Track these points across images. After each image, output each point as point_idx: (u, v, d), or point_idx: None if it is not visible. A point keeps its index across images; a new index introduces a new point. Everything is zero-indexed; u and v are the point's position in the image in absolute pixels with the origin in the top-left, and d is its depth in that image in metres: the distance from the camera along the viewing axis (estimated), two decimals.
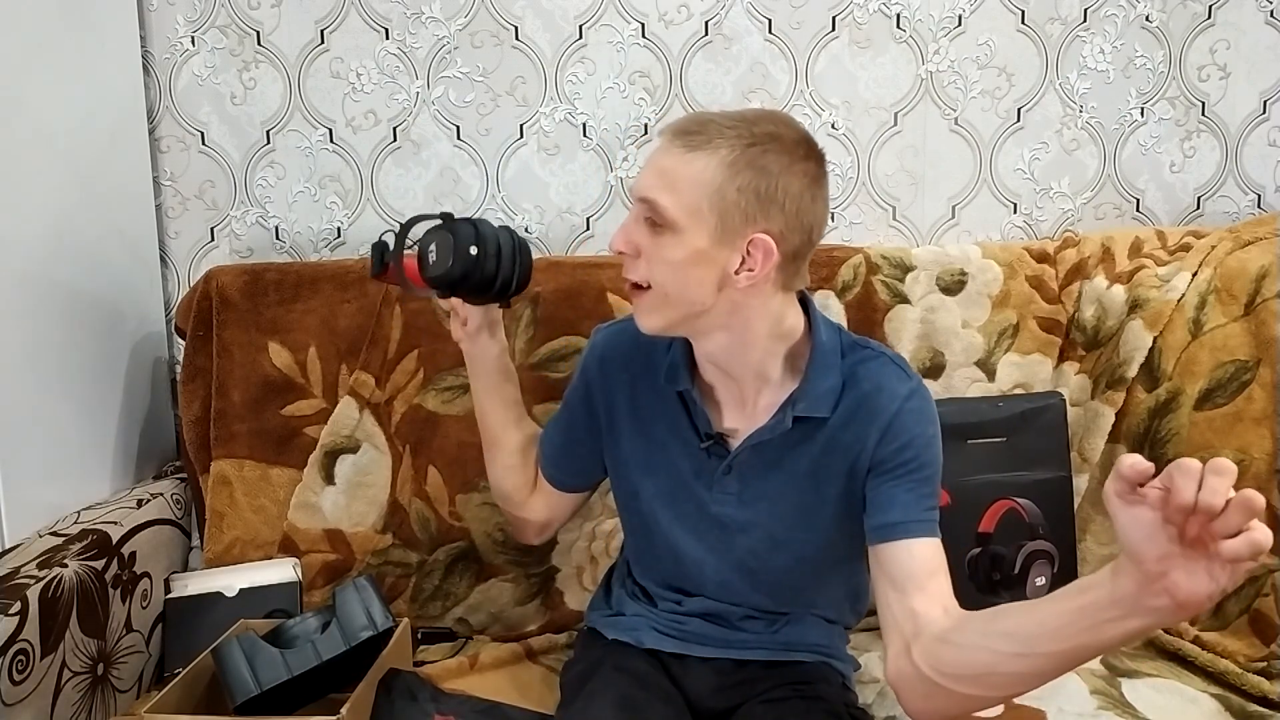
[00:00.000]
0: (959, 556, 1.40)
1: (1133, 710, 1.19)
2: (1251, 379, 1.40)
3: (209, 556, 1.49)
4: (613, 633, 1.19)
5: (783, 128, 0.98)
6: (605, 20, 1.65)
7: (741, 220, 0.96)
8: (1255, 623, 1.33)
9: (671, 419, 1.13)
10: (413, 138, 1.69)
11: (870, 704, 1.25)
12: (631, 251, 1.00)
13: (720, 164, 0.95)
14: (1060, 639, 0.81)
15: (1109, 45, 1.66)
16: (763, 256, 0.97)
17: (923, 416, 1.04)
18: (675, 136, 0.98)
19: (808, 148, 0.99)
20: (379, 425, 1.51)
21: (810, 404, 1.05)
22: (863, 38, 1.66)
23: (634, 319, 1.06)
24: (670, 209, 0.96)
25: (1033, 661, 0.84)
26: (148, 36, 1.67)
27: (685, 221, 0.96)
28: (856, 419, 1.04)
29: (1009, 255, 1.55)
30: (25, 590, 1.15)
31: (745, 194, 0.95)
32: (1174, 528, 0.71)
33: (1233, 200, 1.71)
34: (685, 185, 0.96)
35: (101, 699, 1.28)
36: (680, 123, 0.99)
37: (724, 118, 0.98)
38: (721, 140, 0.95)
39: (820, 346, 1.06)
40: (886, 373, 1.06)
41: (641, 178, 1.00)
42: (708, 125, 0.97)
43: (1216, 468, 0.68)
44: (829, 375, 1.05)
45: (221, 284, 1.53)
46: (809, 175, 0.98)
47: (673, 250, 0.97)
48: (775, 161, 0.96)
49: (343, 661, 1.21)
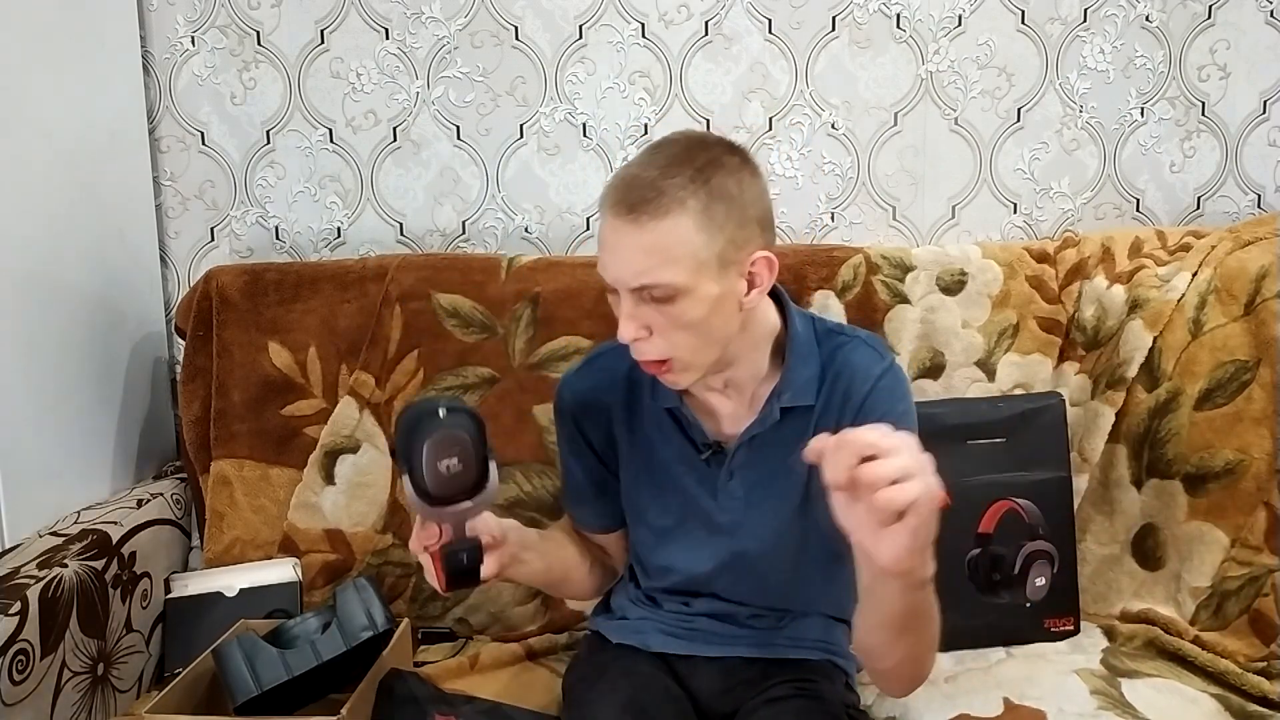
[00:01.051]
0: (959, 557, 1.40)
1: (1133, 710, 1.19)
2: (1251, 379, 1.40)
3: (209, 556, 1.49)
4: (617, 636, 1.19)
5: (711, 147, 0.99)
6: (605, 20, 1.65)
7: (736, 250, 0.97)
8: (1255, 623, 1.33)
9: (666, 437, 1.13)
10: (413, 138, 1.69)
11: (870, 705, 1.26)
12: (645, 335, 0.98)
13: (694, 215, 0.94)
14: (881, 611, 0.87)
15: (1109, 45, 1.66)
16: (767, 270, 1.00)
17: (894, 394, 1.06)
18: (633, 211, 0.94)
19: (733, 150, 1.00)
20: (379, 425, 1.51)
21: (795, 393, 1.07)
22: (863, 38, 1.66)
23: (600, 359, 1.14)
24: (677, 279, 0.94)
25: (883, 633, 0.90)
26: (148, 36, 1.67)
27: (693, 281, 0.95)
28: (834, 402, 1.07)
29: (1009, 255, 1.55)
30: (25, 590, 1.15)
31: (728, 227, 0.96)
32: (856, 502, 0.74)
33: (1233, 200, 1.71)
34: (677, 251, 0.94)
35: (101, 699, 1.28)
36: (627, 196, 0.95)
37: (659, 169, 0.95)
38: (679, 192, 0.94)
39: (797, 337, 1.08)
40: (860, 354, 1.08)
41: (621, 265, 0.96)
42: (655, 185, 0.94)
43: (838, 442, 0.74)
44: (808, 363, 1.08)
45: (221, 284, 1.53)
46: (753, 174, 1.00)
47: (691, 311, 0.96)
48: (730, 183, 0.97)
49: (343, 662, 1.21)
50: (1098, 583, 1.46)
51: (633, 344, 0.99)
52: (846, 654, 1.19)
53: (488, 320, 1.52)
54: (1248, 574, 1.35)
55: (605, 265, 0.98)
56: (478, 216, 1.72)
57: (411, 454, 0.87)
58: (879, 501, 0.71)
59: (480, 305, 1.52)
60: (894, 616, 0.86)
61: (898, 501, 0.71)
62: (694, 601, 1.17)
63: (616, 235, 0.96)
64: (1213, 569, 1.37)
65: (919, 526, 0.73)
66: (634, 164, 0.98)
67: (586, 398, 1.17)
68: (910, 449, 0.73)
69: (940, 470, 1.45)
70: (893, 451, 0.72)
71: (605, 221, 0.97)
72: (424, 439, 0.86)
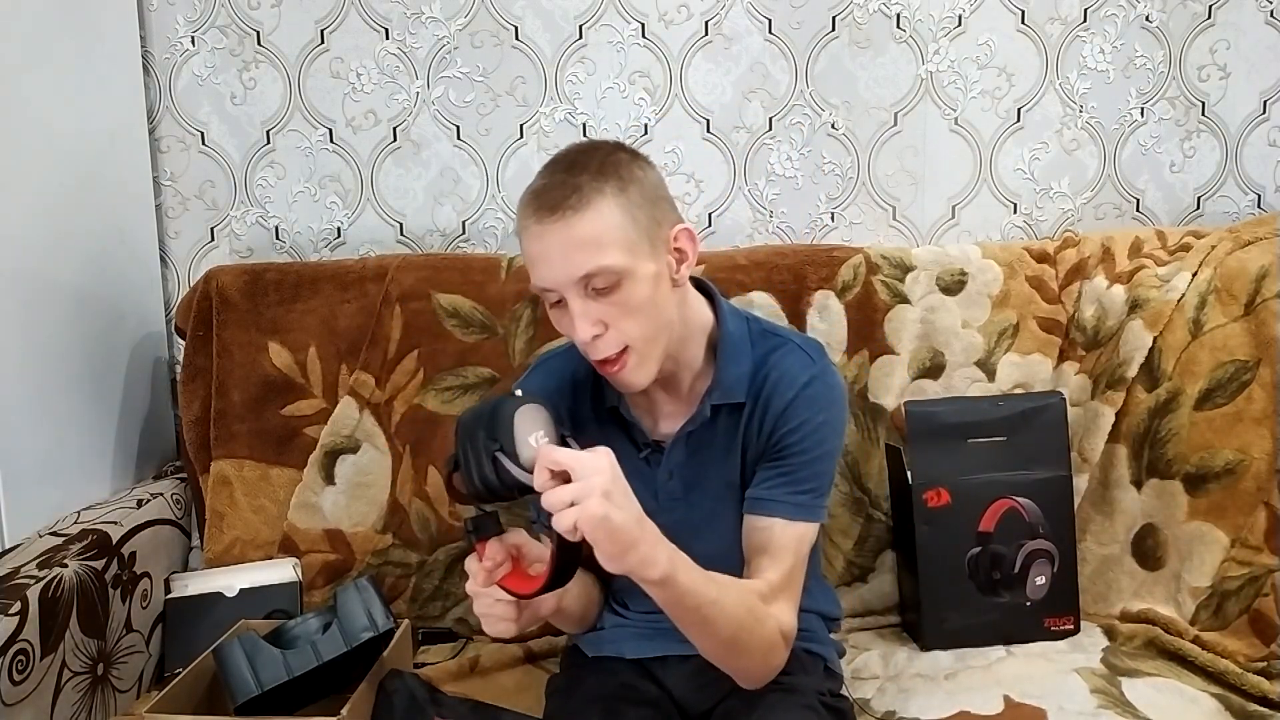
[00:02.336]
0: (959, 555, 1.40)
1: (1133, 710, 1.19)
2: (1251, 379, 1.40)
3: (209, 556, 1.49)
4: (593, 650, 1.19)
5: (600, 147, 1.04)
6: (605, 20, 1.65)
7: (658, 227, 1.01)
8: (1255, 623, 1.33)
9: (609, 438, 1.11)
10: (413, 138, 1.69)
11: (870, 700, 1.26)
12: (602, 330, 0.99)
13: (613, 199, 0.98)
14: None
15: (1109, 45, 1.66)
16: (689, 242, 1.04)
17: (815, 403, 1.07)
18: (555, 210, 0.97)
19: (620, 147, 1.05)
20: (379, 425, 1.51)
21: (724, 392, 1.08)
22: (863, 38, 1.66)
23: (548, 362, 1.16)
24: (616, 262, 0.97)
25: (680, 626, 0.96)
26: (148, 36, 1.67)
27: (631, 262, 0.98)
28: (761, 404, 1.08)
29: (1009, 255, 1.55)
30: (25, 590, 1.15)
31: (645, 206, 1.00)
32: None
33: (1233, 200, 1.71)
34: (608, 237, 0.97)
35: (101, 699, 1.28)
36: (545, 202, 0.98)
37: (564, 173, 0.99)
38: (594, 184, 0.97)
39: (728, 335, 1.10)
40: (791, 359, 1.09)
41: (559, 264, 0.97)
42: (568, 184, 0.98)
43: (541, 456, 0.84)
44: (739, 362, 1.09)
45: (221, 284, 1.53)
46: (646, 162, 1.04)
47: (636, 293, 0.99)
48: (632, 170, 1.01)
49: (343, 662, 1.21)
50: (1098, 582, 1.46)
51: (591, 343, 1.00)
52: (823, 639, 1.19)
53: (488, 320, 1.52)
54: (1248, 574, 1.35)
55: (542, 274, 1.00)
56: (478, 216, 1.72)
57: (500, 432, 0.84)
58: (558, 522, 0.82)
59: (480, 305, 1.52)
60: (670, 610, 0.93)
61: (562, 524, 0.82)
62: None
63: (547, 238, 0.98)
64: (1213, 569, 1.37)
65: (596, 539, 0.82)
66: (536, 180, 1.02)
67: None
68: (584, 475, 0.82)
69: (941, 469, 1.46)
70: (576, 476, 0.82)
71: (529, 232, 0.99)
72: (512, 414, 0.85)
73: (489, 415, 0.86)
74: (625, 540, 0.84)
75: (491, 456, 0.84)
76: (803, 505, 1.05)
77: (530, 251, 1.01)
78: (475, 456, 0.85)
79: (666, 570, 0.88)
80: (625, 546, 0.84)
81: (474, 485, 0.86)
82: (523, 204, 1.02)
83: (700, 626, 0.95)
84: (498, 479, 0.84)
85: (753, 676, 1.03)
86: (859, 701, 1.24)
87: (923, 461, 1.41)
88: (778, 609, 1.01)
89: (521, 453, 0.84)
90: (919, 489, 1.40)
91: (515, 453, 0.84)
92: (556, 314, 1.03)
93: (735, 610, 0.95)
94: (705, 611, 0.93)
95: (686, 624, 0.95)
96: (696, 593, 0.92)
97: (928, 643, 1.39)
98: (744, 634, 0.97)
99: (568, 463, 0.83)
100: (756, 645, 0.99)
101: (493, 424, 0.85)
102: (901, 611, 1.49)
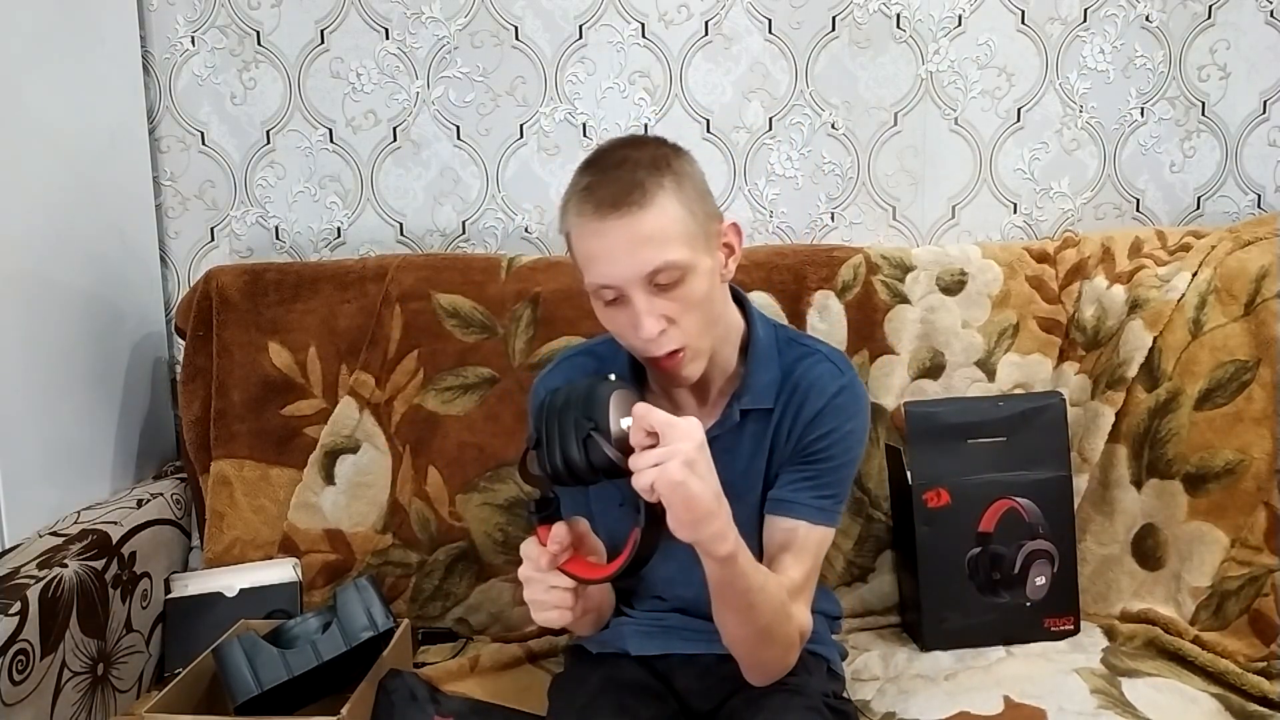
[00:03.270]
0: (959, 556, 1.40)
1: (1133, 710, 1.19)
2: (1251, 379, 1.40)
3: (209, 556, 1.49)
4: (597, 647, 1.19)
5: (646, 142, 1.03)
6: (605, 20, 1.65)
7: (710, 221, 1.02)
8: (1255, 623, 1.33)
9: None
10: (413, 138, 1.69)
11: (870, 700, 1.26)
12: (665, 325, 0.98)
13: (673, 194, 0.97)
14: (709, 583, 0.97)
15: (1109, 45, 1.66)
16: (736, 236, 1.05)
17: (845, 412, 1.08)
18: (619, 205, 0.95)
19: (663, 141, 1.04)
20: (379, 425, 1.51)
21: (754, 396, 1.09)
22: (863, 38, 1.66)
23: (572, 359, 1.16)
24: (681, 256, 0.96)
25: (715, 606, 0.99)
26: (148, 36, 1.67)
27: (694, 257, 0.98)
28: (790, 412, 1.09)
29: (1009, 255, 1.55)
30: (25, 590, 1.15)
31: (700, 201, 1.00)
32: None
33: (1233, 200, 1.71)
34: (673, 230, 0.96)
35: (101, 699, 1.28)
36: (607, 195, 0.96)
37: (619, 168, 0.98)
38: (653, 178, 0.96)
39: (758, 341, 1.10)
40: (821, 369, 1.10)
41: (624, 260, 0.96)
42: (629, 179, 0.96)
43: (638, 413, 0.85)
44: (768, 368, 1.10)
45: (221, 284, 1.53)
46: (689, 156, 1.03)
47: (698, 287, 0.98)
48: (680, 164, 1.00)
49: (343, 662, 1.21)
50: (1098, 582, 1.46)
51: (655, 339, 0.98)
52: (826, 640, 1.20)
53: (488, 320, 1.52)
54: (1248, 574, 1.35)
55: (605, 271, 0.98)
56: (478, 216, 1.72)
57: (597, 412, 0.85)
58: (637, 481, 0.83)
59: (480, 305, 1.52)
60: (720, 590, 0.95)
61: (641, 482, 0.83)
62: (664, 600, 1.18)
63: (610, 235, 0.96)
64: (1213, 569, 1.37)
65: (672, 502, 0.83)
66: (583, 178, 1.00)
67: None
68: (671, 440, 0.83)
69: (940, 470, 1.46)
70: (664, 440, 0.83)
71: (588, 229, 0.97)
72: (608, 395, 0.86)
73: (584, 396, 0.87)
74: (700, 510, 0.84)
75: (586, 436, 0.85)
76: (825, 510, 1.07)
77: (589, 249, 0.98)
78: (563, 435, 0.86)
79: (733, 549, 0.90)
80: (700, 516, 0.85)
81: (555, 465, 0.86)
82: (576, 202, 0.99)
83: (744, 611, 0.97)
84: (585, 459, 0.85)
85: (769, 671, 1.05)
86: (859, 703, 1.24)
87: (922, 462, 1.41)
88: (797, 608, 1.03)
89: (613, 433, 0.85)
90: (919, 489, 1.40)
91: (608, 431, 0.85)
92: (611, 312, 1.01)
93: (774, 600, 0.97)
94: (752, 597, 0.95)
95: (731, 607, 0.96)
96: (749, 576, 0.93)
97: (928, 643, 1.39)
98: (775, 625, 0.99)
99: (660, 426, 0.83)
100: (782, 638, 1.02)
101: (589, 404, 0.86)
102: (901, 612, 1.49)
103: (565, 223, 1.01)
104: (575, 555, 0.92)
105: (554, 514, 0.92)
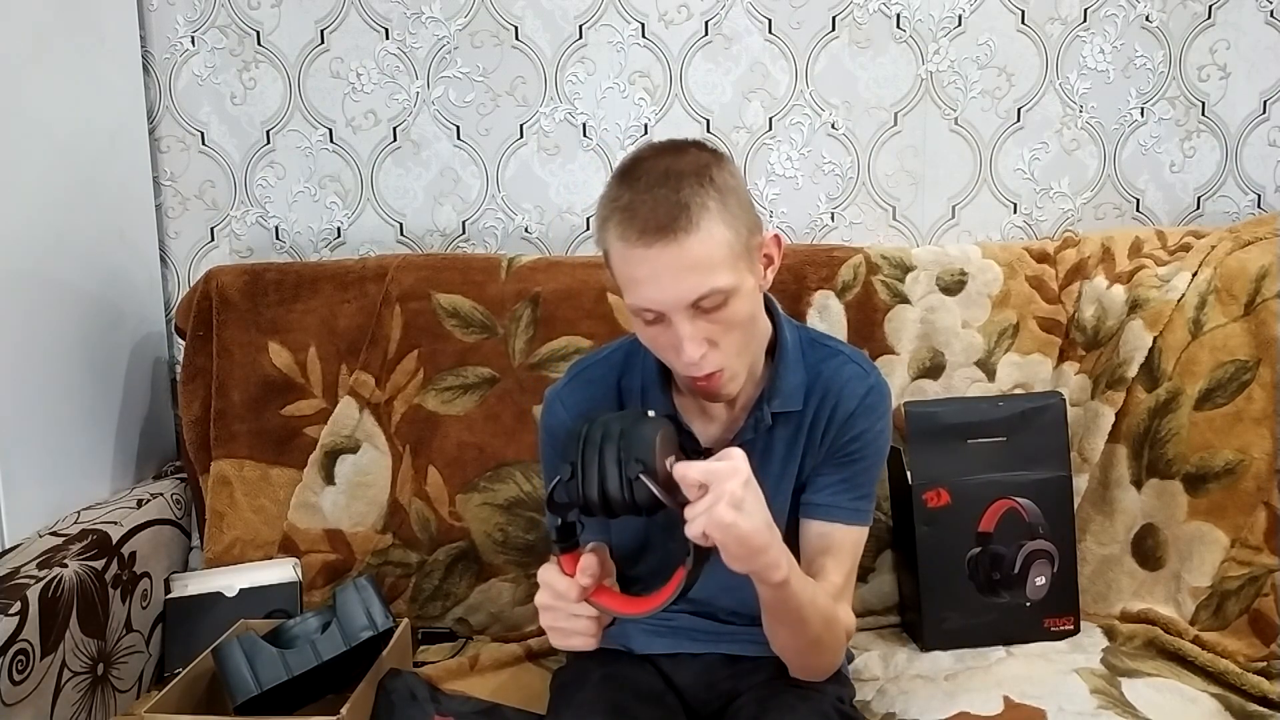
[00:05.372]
0: (959, 556, 1.40)
1: (1133, 710, 1.18)
2: (1251, 379, 1.40)
3: (209, 556, 1.49)
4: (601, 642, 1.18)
5: (689, 150, 0.98)
6: (605, 20, 1.65)
7: (752, 235, 0.98)
8: (1255, 623, 1.33)
9: None
10: (413, 138, 1.69)
11: (870, 700, 1.26)
12: (707, 348, 0.96)
13: (718, 215, 0.93)
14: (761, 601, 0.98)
15: (1109, 45, 1.66)
16: (777, 247, 1.03)
17: (875, 412, 1.09)
18: (664, 232, 0.91)
19: (704, 146, 1.00)
20: (379, 425, 1.51)
21: (784, 399, 1.08)
22: (863, 38, 1.66)
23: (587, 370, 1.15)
24: (727, 283, 0.93)
25: (766, 620, 1.00)
26: (148, 36, 1.67)
27: (738, 279, 0.95)
28: (820, 414, 1.08)
29: (1009, 255, 1.55)
30: (25, 590, 1.15)
31: (743, 216, 0.96)
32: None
33: (1233, 200, 1.71)
34: (719, 255, 0.93)
35: (101, 699, 1.28)
36: (652, 220, 0.92)
37: (663, 185, 0.93)
38: (697, 199, 0.92)
39: (786, 343, 1.09)
40: (848, 370, 1.10)
41: (671, 287, 0.92)
42: (674, 200, 0.92)
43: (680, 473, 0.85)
44: (796, 371, 1.09)
45: (221, 284, 1.53)
46: (731, 161, 1.00)
47: (742, 309, 0.96)
48: (725, 175, 0.96)
49: (343, 662, 1.21)
50: (1098, 582, 1.46)
51: (697, 361, 0.96)
52: None
53: (488, 320, 1.52)
54: (1248, 574, 1.35)
55: (649, 296, 0.94)
56: (478, 216, 1.72)
57: (643, 453, 0.85)
58: (689, 530, 0.84)
59: (480, 305, 1.52)
60: (773, 608, 0.96)
61: (692, 531, 0.84)
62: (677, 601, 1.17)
63: (656, 261, 0.92)
64: (1213, 569, 1.37)
65: (725, 543, 0.84)
66: (623, 193, 0.95)
67: (583, 409, 1.14)
68: (716, 484, 0.83)
69: (940, 470, 1.46)
70: (710, 487, 0.83)
71: (632, 255, 0.93)
72: (654, 436, 0.86)
73: (630, 435, 0.86)
74: (754, 545, 0.85)
75: (635, 477, 0.84)
76: (860, 510, 1.08)
77: (631, 273, 0.94)
78: (603, 471, 0.85)
79: (786, 574, 0.90)
80: (753, 551, 0.85)
81: (590, 498, 0.86)
82: (616, 223, 0.94)
83: (797, 625, 0.97)
84: (629, 498, 0.85)
85: (817, 671, 1.07)
86: (859, 704, 1.24)
87: (922, 462, 1.41)
88: (841, 609, 1.04)
89: (659, 474, 0.85)
90: (919, 489, 1.40)
91: (655, 473, 0.85)
92: (652, 332, 0.98)
93: (823, 611, 0.98)
94: (804, 611, 0.95)
95: (784, 622, 0.97)
96: (800, 593, 0.94)
97: (928, 643, 1.39)
98: (826, 633, 1.00)
99: (703, 477, 0.84)
100: (831, 644, 1.03)
101: (635, 444, 0.85)
102: (901, 612, 1.49)
103: (604, 240, 0.97)
104: (601, 585, 0.92)
105: (576, 542, 0.92)
